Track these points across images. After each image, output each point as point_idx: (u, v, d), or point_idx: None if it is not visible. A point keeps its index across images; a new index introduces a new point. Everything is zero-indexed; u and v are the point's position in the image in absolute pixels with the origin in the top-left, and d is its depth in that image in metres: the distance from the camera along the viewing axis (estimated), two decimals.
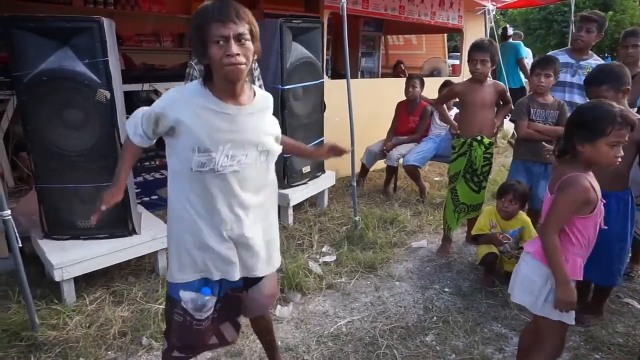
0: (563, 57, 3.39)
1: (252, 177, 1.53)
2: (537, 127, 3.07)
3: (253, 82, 2.86)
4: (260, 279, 1.68)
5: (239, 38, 1.35)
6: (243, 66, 1.37)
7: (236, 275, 1.57)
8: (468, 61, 3.05)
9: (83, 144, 2.56)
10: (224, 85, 1.43)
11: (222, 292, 1.63)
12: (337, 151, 1.86)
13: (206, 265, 1.55)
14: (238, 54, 1.34)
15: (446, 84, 4.43)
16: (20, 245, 2.11)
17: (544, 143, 2.40)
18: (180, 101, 1.44)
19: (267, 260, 1.67)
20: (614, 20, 20.33)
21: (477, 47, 3.00)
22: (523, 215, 2.89)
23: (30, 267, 2.82)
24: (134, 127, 1.54)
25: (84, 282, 2.68)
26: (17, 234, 2.09)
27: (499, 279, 2.90)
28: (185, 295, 1.56)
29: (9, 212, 2.05)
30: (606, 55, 20.18)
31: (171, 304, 1.61)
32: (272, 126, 1.61)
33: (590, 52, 3.46)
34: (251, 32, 1.38)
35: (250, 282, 1.68)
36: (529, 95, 3.21)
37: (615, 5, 21.39)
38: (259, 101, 1.54)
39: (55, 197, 2.64)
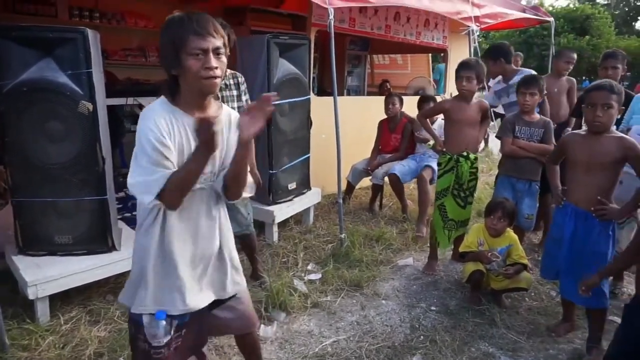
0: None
1: (213, 194, 1.52)
2: (520, 144, 3.11)
3: (240, 96, 2.83)
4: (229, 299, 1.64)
5: (217, 51, 1.35)
6: (219, 79, 1.36)
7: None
8: (455, 79, 3.08)
9: (64, 157, 2.49)
10: (194, 98, 1.40)
11: (186, 316, 1.50)
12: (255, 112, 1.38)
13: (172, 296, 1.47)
14: (216, 67, 1.34)
15: (425, 99, 4.47)
16: None
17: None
18: (160, 119, 1.35)
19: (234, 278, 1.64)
20: (591, 44, 21.05)
21: (463, 65, 3.04)
22: (511, 233, 2.89)
23: (2, 284, 2.72)
24: (152, 180, 1.34)
25: (60, 300, 2.58)
26: None
27: (486, 297, 2.88)
28: (145, 319, 1.45)
29: None
30: (584, 78, 20.82)
31: (135, 327, 1.49)
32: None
33: (516, 68, 3.87)
34: (225, 46, 1.39)
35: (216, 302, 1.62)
36: (515, 113, 3.26)
37: (592, 30, 22.15)
38: (224, 117, 1.50)
39: (32, 211, 2.56)
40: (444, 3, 4.44)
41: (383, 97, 4.66)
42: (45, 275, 2.41)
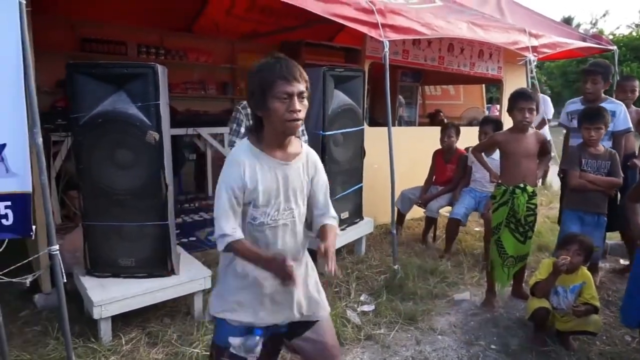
0: (576, 105, 3.60)
1: (295, 226, 1.61)
2: (589, 178, 2.97)
3: None
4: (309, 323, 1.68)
5: (301, 95, 1.45)
6: (301, 121, 1.46)
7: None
8: (513, 110, 2.93)
9: (131, 183, 2.63)
10: (277, 138, 1.51)
11: (269, 333, 1.62)
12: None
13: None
14: (299, 110, 1.43)
15: (486, 120, 4.36)
16: (65, 281, 2.14)
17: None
18: (244, 166, 1.48)
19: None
20: None
21: (522, 95, 2.91)
22: (584, 271, 2.69)
23: (69, 303, 2.86)
24: (225, 223, 1.49)
25: (120, 321, 2.67)
26: (62, 270, 2.12)
27: (551, 338, 2.70)
28: (235, 341, 1.55)
29: (57, 247, 2.09)
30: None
31: (217, 352, 1.59)
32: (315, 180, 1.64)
33: (604, 96, 3.58)
34: (307, 89, 1.48)
35: (296, 327, 1.67)
36: (580, 145, 3.14)
37: None
38: (303, 155, 1.60)
39: (100, 235, 2.70)
40: (500, 34, 4.39)
41: (435, 128, 4.62)
42: (109, 296, 2.52)
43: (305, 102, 1.47)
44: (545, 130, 4.40)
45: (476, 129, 4.35)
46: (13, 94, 1.87)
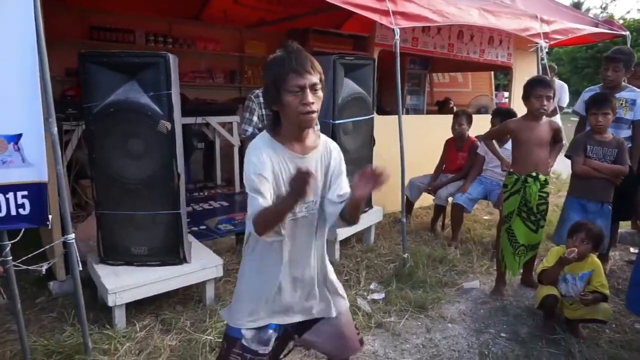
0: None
1: (315, 221, 1.59)
2: (593, 164, 2.95)
3: None
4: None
5: (313, 88, 1.42)
6: (315, 114, 1.44)
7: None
8: (530, 97, 2.87)
9: (143, 173, 2.65)
10: (293, 131, 1.50)
11: (282, 329, 1.63)
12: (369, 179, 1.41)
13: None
14: (313, 103, 1.41)
15: (498, 111, 4.31)
16: (81, 269, 2.17)
17: None
18: (263, 154, 1.46)
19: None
20: None
21: (541, 82, 2.84)
22: (594, 259, 2.69)
23: (83, 290, 2.89)
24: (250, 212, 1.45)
25: (134, 308, 2.71)
26: (78, 258, 2.15)
27: (560, 326, 2.71)
28: (248, 333, 1.56)
29: (73, 235, 2.12)
30: None
31: (229, 344, 1.60)
32: (335, 168, 1.60)
33: (624, 84, 3.50)
34: (321, 80, 1.45)
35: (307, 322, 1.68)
36: (587, 132, 3.12)
37: None
38: (321, 147, 1.58)
39: (113, 223, 2.73)
40: (511, 20, 4.34)
41: (443, 116, 4.59)
42: (123, 284, 2.55)
43: (320, 93, 1.45)
44: (557, 118, 4.34)
45: (485, 117, 4.33)
46: (29, 83, 1.88)
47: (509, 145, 3.70)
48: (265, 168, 1.44)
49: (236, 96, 6.45)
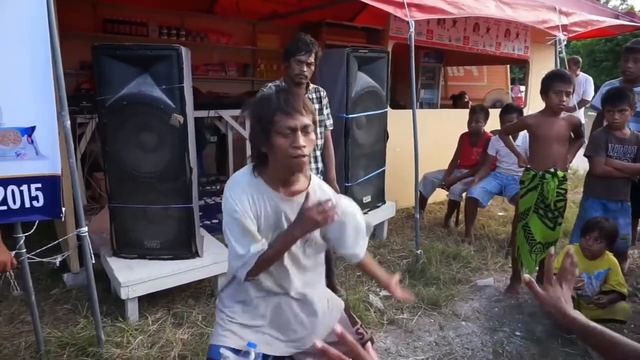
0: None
1: (304, 262, 1.53)
2: (615, 164, 2.87)
3: (321, 110, 2.84)
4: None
5: (305, 130, 1.34)
6: (306, 157, 1.36)
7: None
8: (549, 92, 2.77)
9: (155, 166, 2.64)
10: (281, 174, 1.42)
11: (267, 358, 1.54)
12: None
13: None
14: (304, 146, 1.33)
15: (508, 108, 4.22)
16: (94, 261, 2.18)
17: None
18: (243, 195, 1.40)
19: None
20: None
21: (561, 77, 2.74)
22: (610, 256, 2.63)
23: (96, 283, 2.91)
24: (244, 252, 1.40)
25: (146, 301, 2.72)
26: (91, 251, 2.16)
27: None
28: (226, 352, 1.46)
29: (86, 228, 2.12)
30: None
31: None
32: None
33: None
34: (314, 122, 1.37)
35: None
36: (605, 128, 3.02)
37: None
38: (311, 190, 1.47)
39: (126, 217, 2.73)
40: (529, 12, 4.23)
41: (458, 110, 4.52)
42: (136, 277, 2.56)
43: (312, 136, 1.35)
44: (580, 113, 4.19)
45: (499, 112, 4.24)
46: (42, 77, 1.88)
47: (519, 141, 3.64)
48: (246, 209, 1.38)
49: (248, 89, 6.43)
